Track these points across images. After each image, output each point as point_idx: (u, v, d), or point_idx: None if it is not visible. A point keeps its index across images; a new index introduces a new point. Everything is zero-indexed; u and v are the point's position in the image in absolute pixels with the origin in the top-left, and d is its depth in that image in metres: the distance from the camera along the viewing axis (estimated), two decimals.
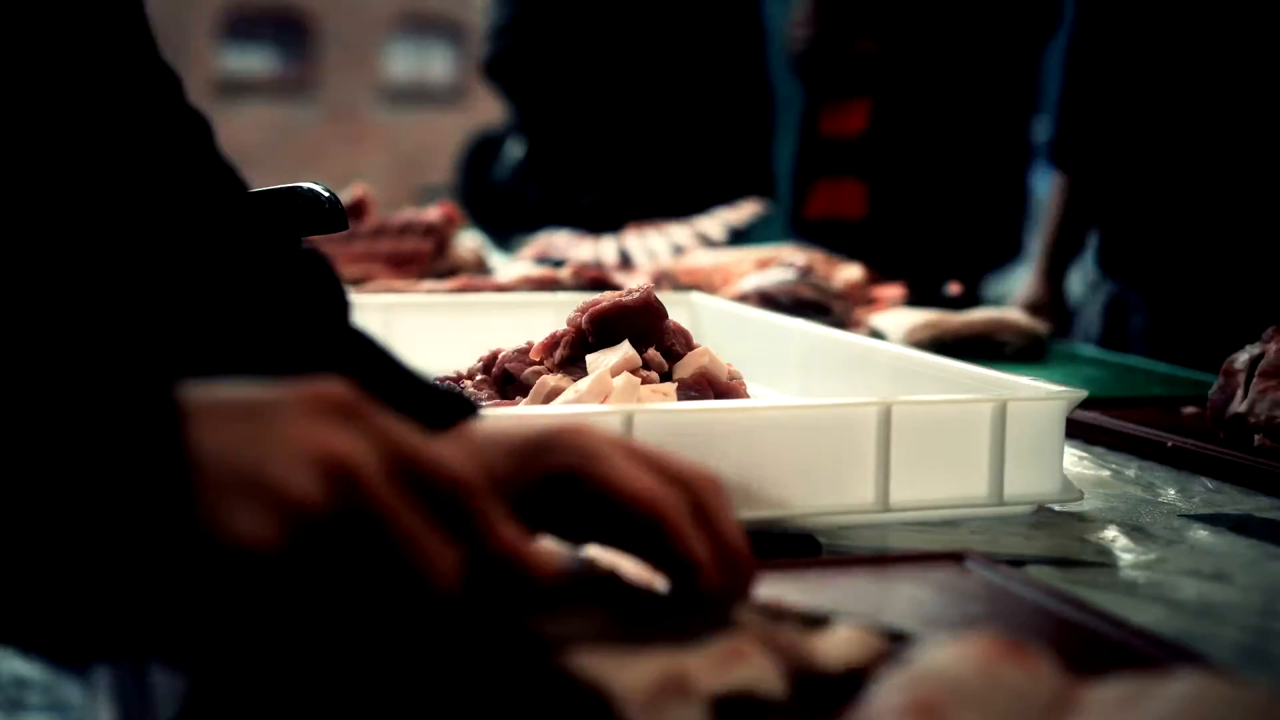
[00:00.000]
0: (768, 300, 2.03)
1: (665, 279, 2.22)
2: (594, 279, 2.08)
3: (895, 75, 3.26)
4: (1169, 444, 1.36)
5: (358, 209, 2.25)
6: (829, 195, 3.37)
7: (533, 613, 0.68)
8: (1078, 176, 2.66)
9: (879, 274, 2.32)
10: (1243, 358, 1.38)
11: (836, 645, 0.68)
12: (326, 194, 1.14)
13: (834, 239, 3.23)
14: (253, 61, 14.98)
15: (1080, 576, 0.99)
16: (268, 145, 14.57)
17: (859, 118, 3.28)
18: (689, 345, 1.23)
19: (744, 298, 2.04)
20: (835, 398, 1.19)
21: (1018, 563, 1.01)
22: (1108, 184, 2.52)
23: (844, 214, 3.35)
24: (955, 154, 3.28)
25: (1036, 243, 2.88)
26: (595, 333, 1.22)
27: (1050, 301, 2.74)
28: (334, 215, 1.14)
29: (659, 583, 0.76)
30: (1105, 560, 1.04)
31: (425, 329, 1.63)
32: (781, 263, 2.17)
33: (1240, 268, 2.33)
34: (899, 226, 3.30)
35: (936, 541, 1.06)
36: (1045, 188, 2.88)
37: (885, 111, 3.27)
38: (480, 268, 2.29)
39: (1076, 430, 1.46)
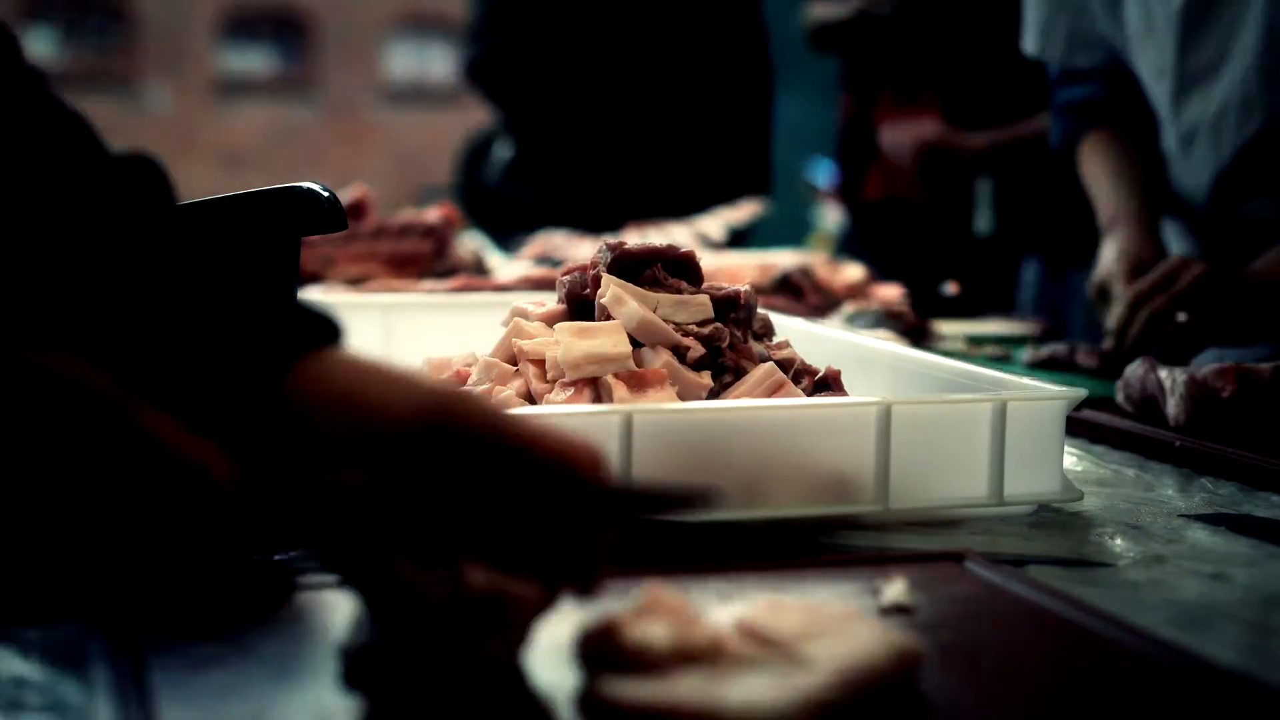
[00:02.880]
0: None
1: None
2: None
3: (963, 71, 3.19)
4: (1176, 444, 1.36)
5: (357, 209, 2.24)
6: (885, 177, 3.35)
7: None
8: None
9: (878, 274, 2.32)
10: None
11: None
12: (326, 194, 1.14)
13: (893, 220, 3.24)
14: (253, 61, 14.98)
15: (1080, 576, 0.99)
16: (268, 145, 14.57)
17: (933, 118, 3.20)
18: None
19: None
20: (835, 398, 1.19)
21: (1018, 563, 1.01)
22: None
23: (901, 194, 3.32)
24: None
25: None
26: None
27: None
28: (333, 215, 1.14)
29: None
30: (1105, 560, 1.04)
31: (425, 329, 1.63)
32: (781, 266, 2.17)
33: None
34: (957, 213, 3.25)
35: (936, 541, 1.06)
36: None
37: (956, 111, 3.21)
38: (480, 268, 2.29)
39: (1077, 430, 1.46)
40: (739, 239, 2.94)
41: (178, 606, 0.85)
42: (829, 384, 1.21)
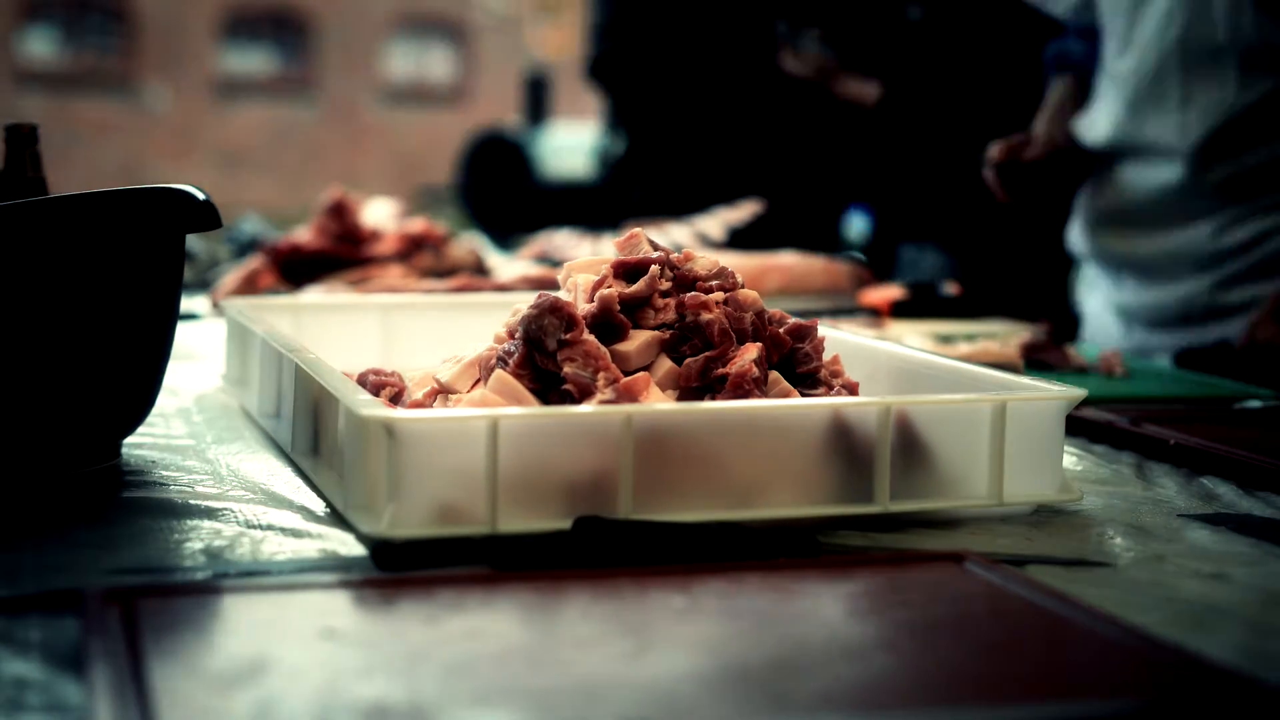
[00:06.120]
0: None
1: None
2: None
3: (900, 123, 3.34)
4: (1171, 441, 1.36)
5: (338, 210, 2.26)
6: None
7: None
8: None
9: (877, 275, 2.32)
10: None
11: None
12: (201, 195, 1.20)
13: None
14: (253, 61, 14.98)
15: (1080, 576, 0.99)
16: (268, 145, 14.58)
17: None
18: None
19: None
20: (836, 398, 1.19)
21: (1018, 563, 1.01)
22: None
23: None
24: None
25: None
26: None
27: None
28: (207, 214, 1.19)
29: None
30: (1105, 560, 1.04)
31: (425, 329, 1.63)
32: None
33: None
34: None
35: (936, 541, 1.06)
36: None
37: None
38: (479, 268, 2.29)
39: (1077, 430, 1.46)
40: (766, 244, 2.96)
41: (177, 607, 0.85)
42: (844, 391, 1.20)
